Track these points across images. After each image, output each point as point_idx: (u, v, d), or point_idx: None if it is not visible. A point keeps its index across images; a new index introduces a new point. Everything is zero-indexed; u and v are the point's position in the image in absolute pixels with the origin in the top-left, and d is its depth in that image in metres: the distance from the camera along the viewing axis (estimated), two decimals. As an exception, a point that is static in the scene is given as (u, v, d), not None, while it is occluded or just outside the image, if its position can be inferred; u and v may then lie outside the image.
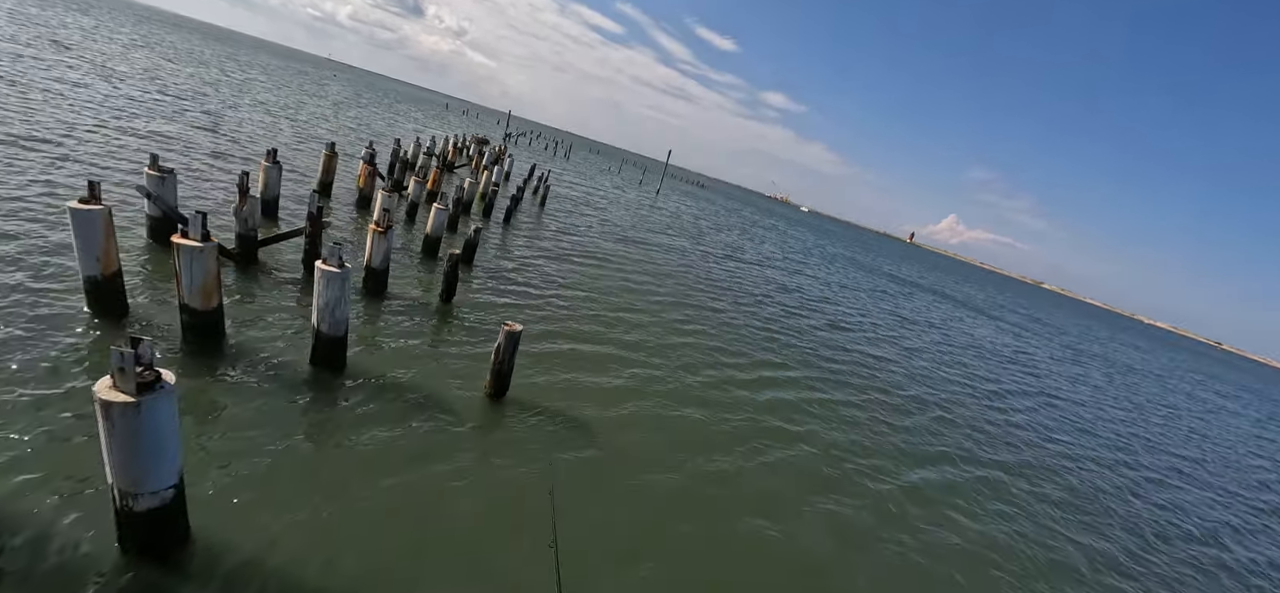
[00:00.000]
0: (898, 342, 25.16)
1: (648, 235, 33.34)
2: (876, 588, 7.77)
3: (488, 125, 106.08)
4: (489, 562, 5.94)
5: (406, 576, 5.44)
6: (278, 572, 5.00)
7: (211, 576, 4.79)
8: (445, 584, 5.50)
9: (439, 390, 8.82)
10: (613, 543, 6.83)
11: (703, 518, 7.88)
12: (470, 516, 6.51)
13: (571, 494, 7.37)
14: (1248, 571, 12.39)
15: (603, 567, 6.37)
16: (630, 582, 6.33)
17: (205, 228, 7.38)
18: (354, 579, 5.20)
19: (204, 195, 14.45)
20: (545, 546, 6.10)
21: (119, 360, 3.94)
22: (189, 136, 20.56)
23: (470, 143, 44.78)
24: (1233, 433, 30.12)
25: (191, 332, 7.86)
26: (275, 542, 5.28)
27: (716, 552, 7.31)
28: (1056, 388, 26.44)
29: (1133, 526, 12.69)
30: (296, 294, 10.54)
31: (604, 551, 6.64)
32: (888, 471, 11.30)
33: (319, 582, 5.06)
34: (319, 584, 5.04)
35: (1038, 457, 15.35)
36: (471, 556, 5.94)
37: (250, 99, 36.73)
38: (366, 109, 60.83)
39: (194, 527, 5.07)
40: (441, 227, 15.74)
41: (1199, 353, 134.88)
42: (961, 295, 65.48)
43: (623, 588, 6.23)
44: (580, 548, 6.45)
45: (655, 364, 12.96)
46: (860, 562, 8.18)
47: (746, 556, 7.43)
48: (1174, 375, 52.70)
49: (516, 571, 5.93)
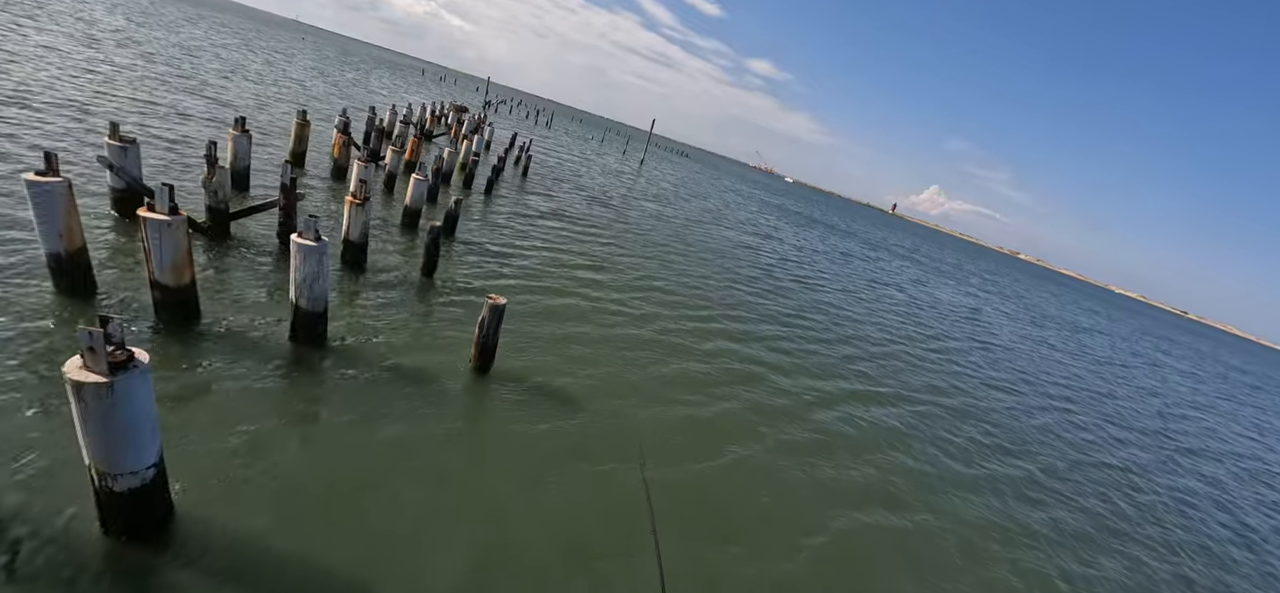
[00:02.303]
0: (864, 302, 25.75)
1: (632, 204, 33.15)
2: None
3: (466, 92, 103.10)
4: (479, 533, 6.02)
5: (392, 549, 5.50)
6: (263, 547, 5.01)
7: (197, 552, 4.78)
8: (433, 558, 5.57)
9: (424, 365, 8.78)
10: (618, 508, 6.98)
11: (691, 461, 8.10)
12: (458, 488, 6.56)
13: (564, 464, 7.49)
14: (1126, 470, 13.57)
15: (616, 541, 6.52)
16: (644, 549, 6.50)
17: (173, 200, 7.12)
18: (341, 553, 5.24)
19: (169, 166, 13.89)
20: (537, 514, 6.21)
21: (88, 340, 3.83)
22: (154, 102, 19.62)
23: (449, 111, 43.58)
24: (1146, 379, 32.61)
25: (164, 309, 7.65)
26: (260, 518, 5.27)
27: (708, 493, 7.55)
28: (995, 339, 27.43)
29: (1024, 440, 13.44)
30: (273, 269, 10.29)
31: (617, 519, 6.79)
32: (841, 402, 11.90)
33: (305, 556, 5.09)
34: (305, 559, 5.07)
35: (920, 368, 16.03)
36: (460, 528, 6.02)
37: (212, 61, 35.04)
38: (340, 73, 58.52)
39: (177, 505, 5.05)
40: (421, 198, 15.41)
41: (1162, 320, 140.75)
42: (907, 247, 66.85)
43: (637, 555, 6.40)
44: (588, 518, 6.58)
45: (643, 333, 13.05)
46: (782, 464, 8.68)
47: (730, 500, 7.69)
48: (1121, 336, 55.47)
49: (506, 541, 6.03)
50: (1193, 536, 12.33)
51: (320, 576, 4.97)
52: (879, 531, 8.58)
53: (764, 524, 7.80)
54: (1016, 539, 9.63)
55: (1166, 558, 10.84)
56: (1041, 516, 10.76)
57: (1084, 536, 10.59)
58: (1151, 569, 10.22)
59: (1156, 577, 10.03)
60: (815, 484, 9.21)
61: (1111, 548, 10.47)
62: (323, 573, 4.99)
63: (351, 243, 11.33)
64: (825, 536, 8.01)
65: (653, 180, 54.64)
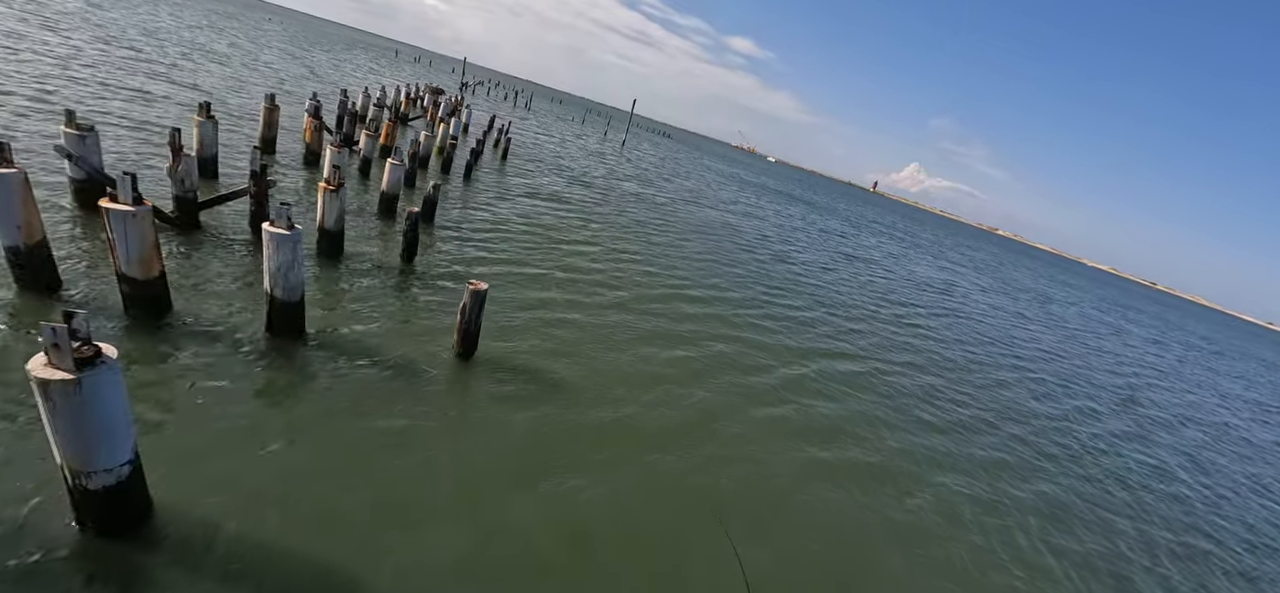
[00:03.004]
0: (839, 271, 26.20)
1: (614, 185, 32.93)
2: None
3: (442, 74, 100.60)
4: (467, 520, 6.06)
5: (379, 539, 5.51)
6: (247, 543, 4.98)
7: (178, 548, 4.74)
8: (421, 547, 5.60)
9: (406, 353, 8.70)
10: (598, 483, 7.06)
11: (682, 445, 8.24)
12: (443, 475, 6.58)
13: (553, 443, 7.55)
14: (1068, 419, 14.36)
15: (604, 513, 6.61)
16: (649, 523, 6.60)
17: (136, 189, 6.88)
18: (326, 545, 5.23)
19: (133, 154, 13.37)
20: (525, 499, 6.26)
21: (52, 337, 3.73)
22: (114, 86, 18.78)
23: (424, 93, 42.54)
24: (1102, 341, 34.83)
25: (134, 303, 7.44)
26: (243, 513, 5.23)
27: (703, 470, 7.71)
28: (960, 304, 28.24)
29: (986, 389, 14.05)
30: (246, 259, 10.05)
31: (603, 497, 6.87)
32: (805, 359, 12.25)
33: (289, 550, 5.07)
34: (290, 552, 5.06)
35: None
36: (447, 516, 6.05)
37: (174, 43, 33.60)
38: (309, 54, 56.56)
39: (157, 501, 4.98)
40: (398, 183, 15.11)
41: (1131, 291, 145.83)
42: (868, 216, 67.99)
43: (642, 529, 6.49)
44: (580, 496, 6.66)
45: (627, 316, 13.08)
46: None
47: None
48: (1088, 303, 58.30)
49: (492, 527, 6.08)
50: (1117, 470, 13.65)
51: (305, 569, 4.96)
52: (843, 464, 8.89)
53: (751, 497, 7.99)
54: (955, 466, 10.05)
55: (1098, 486, 11.53)
56: (989, 453, 11.24)
57: (1020, 466, 11.15)
58: (1071, 487, 10.77)
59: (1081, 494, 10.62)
60: (808, 462, 9.44)
61: (1035, 474, 11.01)
62: (308, 566, 4.98)
63: (327, 231, 11.10)
64: (821, 505, 8.25)
65: (635, 161, 54.27)
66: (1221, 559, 10.91)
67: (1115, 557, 9.74)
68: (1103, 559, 9.53)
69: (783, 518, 7.86)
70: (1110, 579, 9.07)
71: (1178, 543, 10.98)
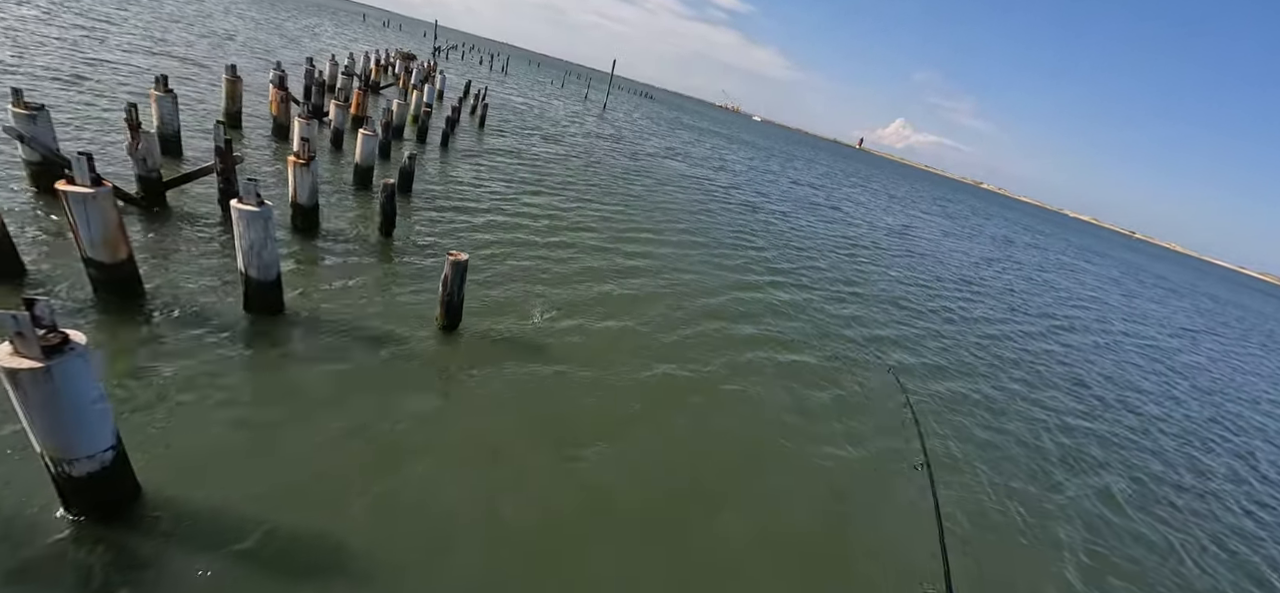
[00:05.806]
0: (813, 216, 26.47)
1: (594, 147, 32.40)
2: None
3: (413, 39, 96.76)
4: (453, 492, 6.16)
5: (369, 515, 5.59)
6: (237, 522, 5.02)
7: (168, 529, 4.77)
8: (414, 521, 5.69)
9: (388, 327, 8.65)
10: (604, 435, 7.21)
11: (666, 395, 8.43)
12: (433, 449, 6.64)
13: (543, 413, 7.64)
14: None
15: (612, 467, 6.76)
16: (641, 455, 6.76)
17: (93, 170, 6.62)
18: (316, 523, 5.30)
19: (88, 130, 12.79)
20: (518, 473, 6.37)
21: (15, 325, 3.64)
22: (61, 61, 17.78)
23: (395, 60, 41.03)
24: (1048, 275, 37.49)
25: (103, 288, 7.26)
26: (231, 492, 5.25)
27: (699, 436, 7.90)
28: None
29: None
30: (218, 239, 9.80)
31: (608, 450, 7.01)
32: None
33: (279, 528, 5.13)
34: (279, 531, 5.11)
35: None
36: (437, 489, 6.13)
37: (120, 10, 31.75)
38: (271, 18, 53.88)
39: (143, 484, 4.98)
40: (372, 154, 14.71)
41: (1108, 238, 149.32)
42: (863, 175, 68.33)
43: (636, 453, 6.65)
44: (578, 465, 6.79)
45: (611, 281, 13.08)
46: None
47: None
48: (1057, 250, 60.86)
49: (480, 499, 6.19)
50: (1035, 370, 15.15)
51: (296, 546, 5.02)
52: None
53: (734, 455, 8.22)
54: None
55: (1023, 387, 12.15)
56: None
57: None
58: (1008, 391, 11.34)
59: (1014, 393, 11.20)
60: (801, 442, 9.69)
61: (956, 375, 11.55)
62: (297, 543, 5.04)
63: (301, 206, 10.82)
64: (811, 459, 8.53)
65: (616, 124, 53.28)
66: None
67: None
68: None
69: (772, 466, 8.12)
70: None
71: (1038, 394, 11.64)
